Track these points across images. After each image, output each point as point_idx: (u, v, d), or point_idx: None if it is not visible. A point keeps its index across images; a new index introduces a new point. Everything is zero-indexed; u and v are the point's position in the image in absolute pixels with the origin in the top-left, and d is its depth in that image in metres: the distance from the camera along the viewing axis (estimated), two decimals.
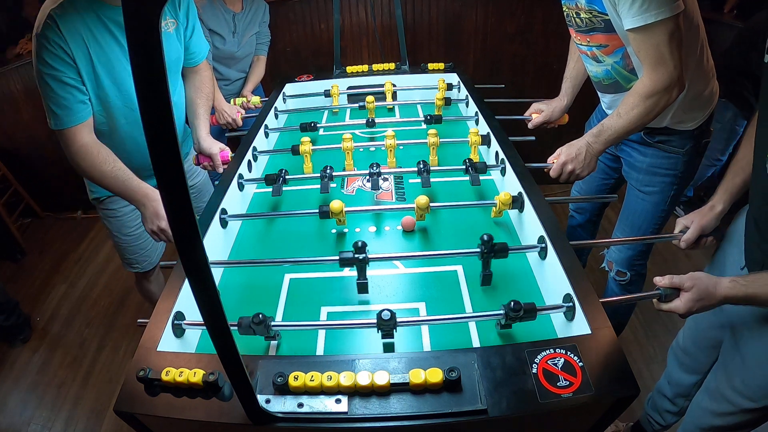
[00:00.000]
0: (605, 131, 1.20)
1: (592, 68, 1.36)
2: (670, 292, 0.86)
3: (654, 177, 1.37)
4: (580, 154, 1.22)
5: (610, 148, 1.45)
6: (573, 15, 1.26)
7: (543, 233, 0.98)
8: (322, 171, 1.28)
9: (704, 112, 1.28)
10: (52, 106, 1.15)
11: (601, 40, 1.22)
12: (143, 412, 0.69)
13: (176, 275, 0.92)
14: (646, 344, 1.92)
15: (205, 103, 1.52)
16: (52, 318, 2.33)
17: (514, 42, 2.56)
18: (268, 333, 0.82)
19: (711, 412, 1.08)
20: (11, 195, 2.85)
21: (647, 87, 1.11)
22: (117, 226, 1.51)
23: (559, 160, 1.24)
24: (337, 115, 1.85)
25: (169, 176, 0.41)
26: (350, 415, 0.65)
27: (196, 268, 0.47)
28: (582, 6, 1.19)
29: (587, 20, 1.20)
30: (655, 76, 1.09)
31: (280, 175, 1.29)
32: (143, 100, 0.38)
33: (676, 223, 1.11)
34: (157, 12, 0.35)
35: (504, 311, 0.80)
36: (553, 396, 0.66)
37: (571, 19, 1.28)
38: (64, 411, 1.86)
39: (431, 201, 1.09)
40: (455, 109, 1.82)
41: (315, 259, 1.01)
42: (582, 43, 1.30)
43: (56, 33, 1.09)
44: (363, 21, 2.54)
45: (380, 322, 0.79)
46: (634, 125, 1.16)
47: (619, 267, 1.54)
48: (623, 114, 1.16)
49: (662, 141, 1.32)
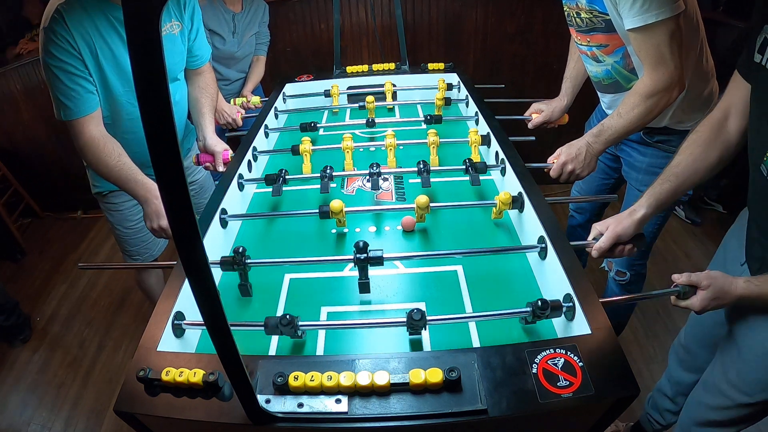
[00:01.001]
0: (605, 131, 1.20)
1: (592, 68, 1.35)
2: (687, 290, 0.88)
3: (653, 177, 1.33)
4: (580, 154, 1.22)
5: (610, 148, 1.45)
6: (573, 15, 1.26)
7: (543, 233, 0.98)
8: (322, 171, 1.28)
9: (704, 113, 1.27)
10: (60, 98, 1.17)
11: (602, 40, 1.22)
12: (143, 412, 0.69)
13: (176, 275, 0.92)
14: (646, 344, 1.92)
15: (210, 103, 1.54)
16: (52, 318, 2.33)
17: (514, 42, 2.56)
18: (296, 333, 0.81)
19: (707, 405, 1.07)
20: (11, 195, 2.85)
21: (648, 87, 1.11)
22: (119, 219, 1.53)
23: (559, 160, 1.24)
24: (337, 115, 1.85)
25: (169, 176, 0.41)
26: (350, 415, 0.65)
27: (196, 268, 0.47)
28: (582, 6, 1.19)
29: (587, 20, 1.20)
30: (656, 75, 1.09)
31: (280, 175, 1.29)
32: (143, 99, 0.38)
33: (592, 228, 1.03)
34: (157, 12, 0.35)
35: (531, 309, 0.81)
36: (553, 396, 0.66)
37: (572, 18, 1.28)
38: (64, 411, 1.86)
39: (431, 201, 1.09)
40: (455, 109, 1.82)
41: (315, 259, 1.01)
42: (582, 42, 1.30)
43: (63, 27, 1.12)
44: (363, 21, 2.54)
45: (410, 321, 0.79)
46: (635, 125, 1.16)
47: (619, 267, 1.54)
48: (623, 114, 1.16)
49: (662, 141, 1.32)
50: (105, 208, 1.53)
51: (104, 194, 1.49)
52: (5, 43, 2.83)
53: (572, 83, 1.59)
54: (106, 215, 1.55)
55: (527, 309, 0.82)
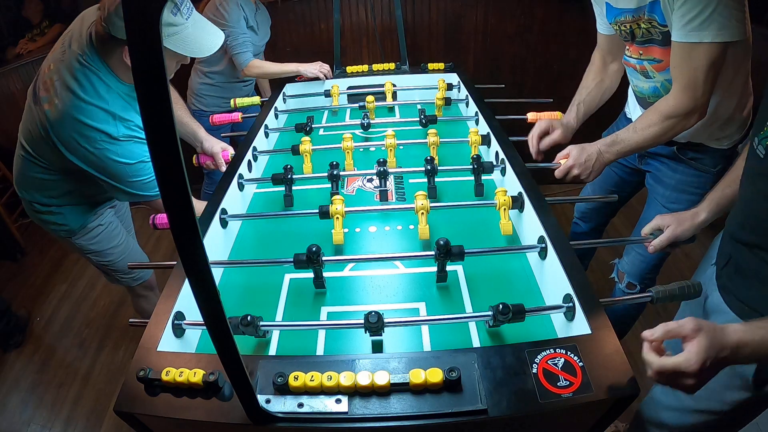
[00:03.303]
0: (618, 143, 1.18)
1: (640, 84, 1.28)
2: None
3: (682, 194, 1.33)
4: (590, 160, 1.20)
5: (632, 161, 1.43)
6: (628, 27, 1.17)
7: (543, 233, 0.98)
8: (329, 170, 1.28)
9: (741, 133, 1.24)
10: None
11: (656, 54, 1.16)
12: (143, 412, 0.69)
13: (176, 275, 0.92)
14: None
15: (184, 109, 1.58)
16: (52, 318, 2.33)
17: (514, 42, 2.55)
18: (257, 333, 0.83)
19: (660, 404, 1.05)
20: (11, 195, 2.85)
21: (669, 107, 1.08)
22: (105, 241, 1.46)
23: (567, 162, 1.23)
24: (337, 115, 1.85)
25: (169, 176, 0.41)
26: (350, 415, 0.65)
27: (196, 268, 0.47)
28: (643, 16, 1.11)
29: (645, 31, 1.13)
30: (682, 98, 1.06)
31: (286, 176, 1.27)
32: (143, 98, 0.38)
33: (651, 222, 1.04)
34: (157, 12, 0.35)
35: (492, 313, 0.80)
36: (553, 396, 0.66)
37: (624, 32, 1.20)
38: (64, 411, 1.86)
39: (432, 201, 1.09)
40: (455, 109, 1.82)
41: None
42: (633, 55, 1.22)
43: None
44: (363, 21, 2.54)
45: (367, 324, 0.79)
46: (648, 143, 1.14)
47: (631, 279, 1.51)
48: (639, 129, 1.14)
49: (694, 158, 1.28)
50: (83, 245, 1.43)
51: (77, 230, 1.40)
52: (5, 43, 2.83)
53: (586, 109, 1.44)
54: (88, 251, 1.45)
55: (489, 313, 0.81)
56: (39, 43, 2.81)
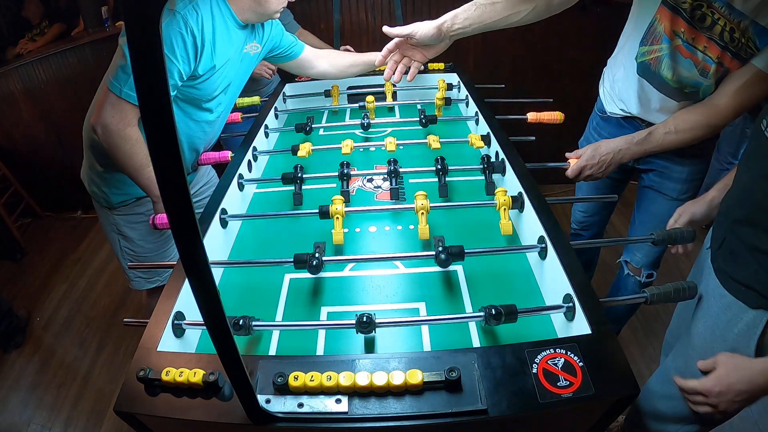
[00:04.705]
0: (651, 142, 1.17)
1: (684, 73, 1.14)
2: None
3: (691, 184, 1.37)
4: (604, 161, 1.19)
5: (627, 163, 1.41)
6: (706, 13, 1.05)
7: (543, 233, 0.98)
8: (339, 169, 1.27)
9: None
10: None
11: (725, 60, 1.07)
12: (143, 412, 0.69)
13: (176, 275, 0.92)
14: (646, 344, 1.92)
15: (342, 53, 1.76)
16: (52, 318, 2.33)
17: (514, 42, 2.55)
18: (251, 333, 0.84)
19: (656, 393, 1.06)
20: (11, 195, 2.85)
21: (713, 118, 1.09)
22: (143, 233, 1.44)
23: (579, 162, 1.22)
24: (337, 115, 1.85)
25: (169, 176, 0.41)
26: (350, 415, 0.65)
27: (196, 268, 0.47)
28: (734, 20, 1.00)
29: (729, 37, 1.02)
30: (730, 114, 1.08)
31: (296, 176, 1.27)
32: (143, 98, 0.38)
33: (680, 219, 1.11)
34: (157, 12, 0.35)
35: (484, 315, 0.80)
36: (553, 396, 0.66)
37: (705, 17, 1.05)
38: (64, 411, 1.86)
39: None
40: (455, 109, 1.82)
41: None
42: (698, 46, 1.09)
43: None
44: (363, 21, 2.54)
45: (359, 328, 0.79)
46: (681, 145, 1.16)
47: (648, 270, 1.52)
48: (680, 131, 1.13)
49: (699, 148, 1.29)
50: (124, 221, 1.40)
51: (128, 203, 1.39)
52: (5, 43, 2.84)
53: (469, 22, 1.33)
54: (124, 232, 1.42)
55: (480, 314, 0.81)
56: (39, 43, 2.81)
